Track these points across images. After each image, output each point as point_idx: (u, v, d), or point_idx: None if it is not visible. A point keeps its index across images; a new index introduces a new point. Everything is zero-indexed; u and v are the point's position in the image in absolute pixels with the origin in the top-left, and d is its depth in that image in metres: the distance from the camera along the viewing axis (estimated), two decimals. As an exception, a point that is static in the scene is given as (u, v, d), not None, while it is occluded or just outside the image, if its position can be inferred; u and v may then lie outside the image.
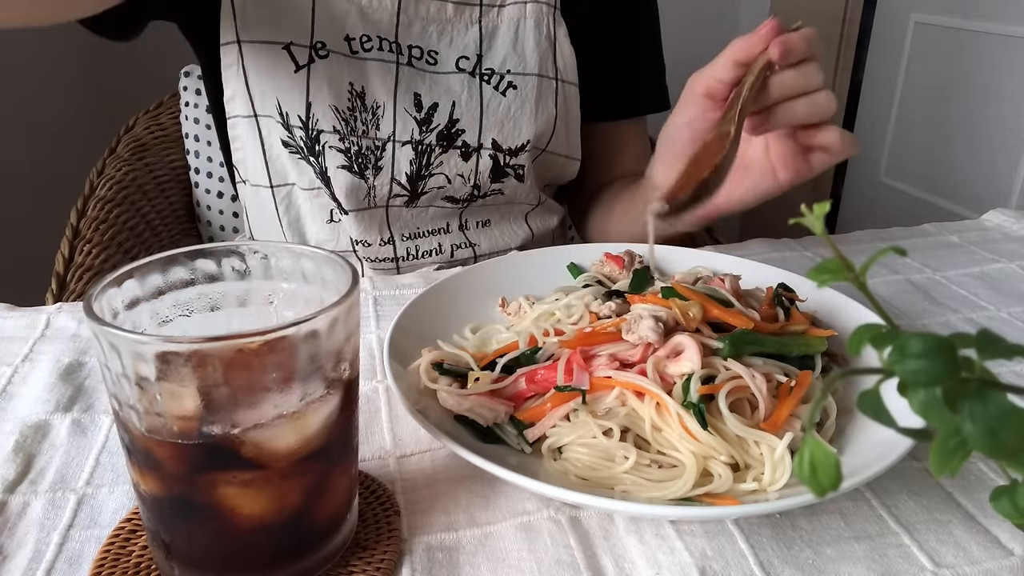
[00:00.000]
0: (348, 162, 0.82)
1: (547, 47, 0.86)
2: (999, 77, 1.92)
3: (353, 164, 0.83)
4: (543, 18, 0.86)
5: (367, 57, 0.81)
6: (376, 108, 0.81)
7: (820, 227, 0.25)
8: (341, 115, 0.81)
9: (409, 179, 0.85)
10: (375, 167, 0.83)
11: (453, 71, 0.83)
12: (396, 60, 0.81)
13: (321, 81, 0.79)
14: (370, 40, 0.80)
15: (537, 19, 0.85)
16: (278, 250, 0.40)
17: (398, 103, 0.82)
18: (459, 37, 0.83)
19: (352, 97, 0.81)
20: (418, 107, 0.83)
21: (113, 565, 0.39)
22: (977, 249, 0.84)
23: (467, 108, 0.84)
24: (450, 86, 0.83)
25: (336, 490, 0.39)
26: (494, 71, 0.84)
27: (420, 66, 0.83)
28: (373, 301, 0.69)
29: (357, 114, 0.81)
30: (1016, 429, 0.21)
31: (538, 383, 0.49)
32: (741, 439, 0.45)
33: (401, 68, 0.81)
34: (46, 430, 0.50)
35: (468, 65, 0.84)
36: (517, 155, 0.88)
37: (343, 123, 0.81)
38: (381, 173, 0.83)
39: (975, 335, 0.23)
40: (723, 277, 0.58)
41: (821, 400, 0.26)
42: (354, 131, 0.82)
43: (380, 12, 0.81)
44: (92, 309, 0.33)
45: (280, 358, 0.33)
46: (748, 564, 0.41)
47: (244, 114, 0.83)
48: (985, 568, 0.41)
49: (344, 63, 0.80)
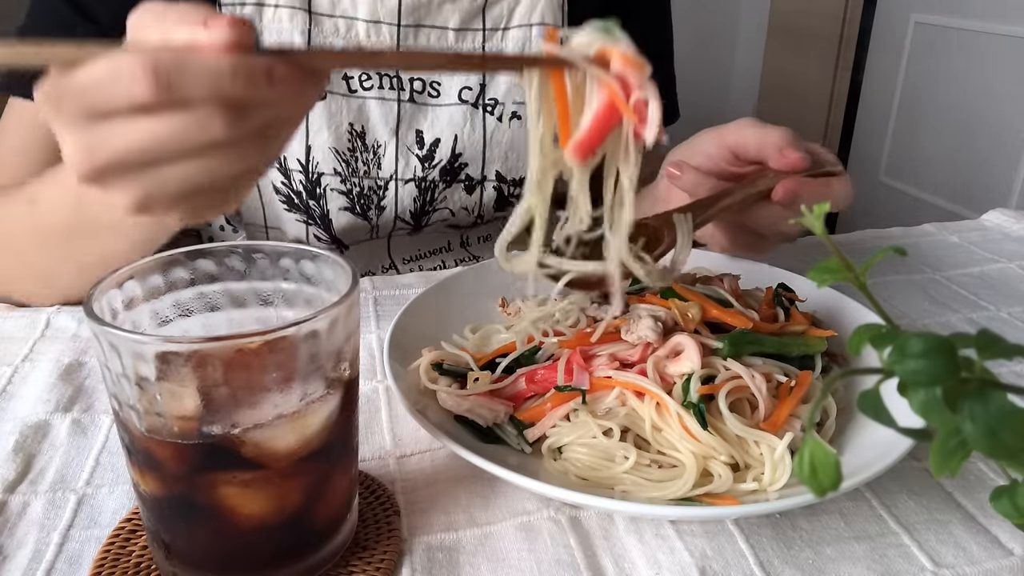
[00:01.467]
0: (350, 204, 0.81)
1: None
2: (999, 77, 1.92)
3: (355, 205, 0.82)
4: None
5: (367, 96, 0.79)
6: (377, 147, 0.80)
7: (820, 227, 0.25)
8: (342, 156, 0.79)
9: (413, 215, 0.84)
10: (378, 207, 0.82)
11: (455, 102, 0.81)
12: (397, 97, 0.79)
13: (320, 123, 0.77)
14: (369, 78, 0.78)
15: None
16: (278, 250, 0.40)
17: (400, 141, 0.80)
18: None
19: (352, 138, 0.79)
20: (420, 144, 0.81)
21: (113, 565, 0.39)
22: (977, 249, 0.84)
23: (470, 141, 0.82)
24: (452, 118, 0.81)
25: (336, 490, 0.39)
26: (497, 101, 0.82)
27: (422, 100, 0.81)
28: (373, 301, 0.69)
29: (358, 154, 0.80)
30: (1016, 429, 0.21)
31: (538, 383, 0.49)
32: (741, 439, 0.45)
33: (402, 105, 0.80)
34: (46, 430, 0.50)
35: (471, 96, 0.81)
36: (521, 185, 0.87)
37: (344, 164, 0.79)
38: (384, 212, 0.83)
39: (975, 335, 0.23)
40: (722, 277, 0.58)
41: (821, 400, 0.26)
42: (355, 172, 0.80)
43: (379, 46, 0.78)
44: (92, 309, 0.33)
45: (280, 358, 0.33)
46: (748, 564, 0.41)
47: None
48: (985, 568, 0.41)
49: (343, 103, 0.78)
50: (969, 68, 1.98)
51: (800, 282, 0.61)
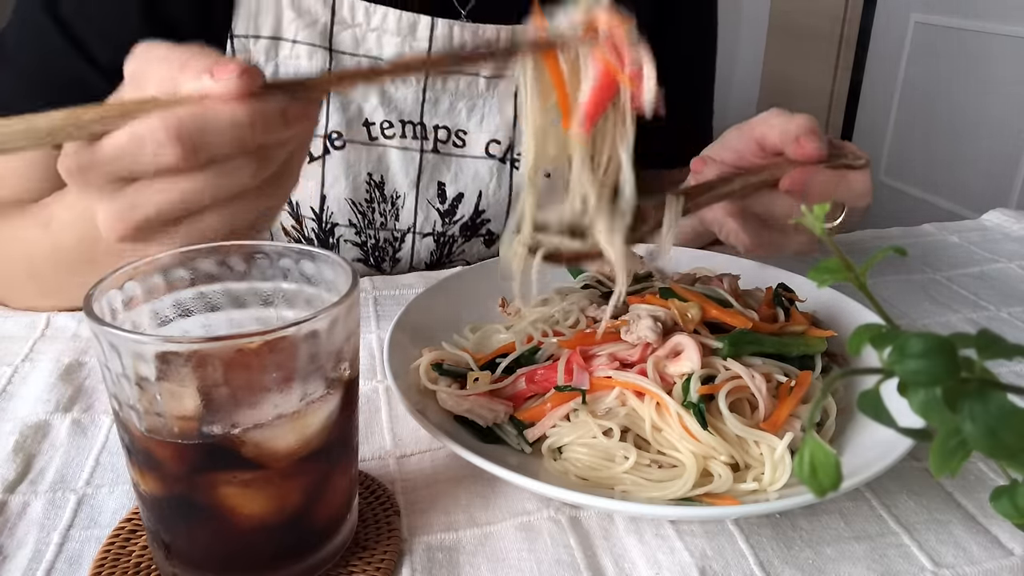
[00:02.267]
0: (364, 255, 0.79)
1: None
2: (999, 77, 1.92)
3: (369, 257, 0.79)
4: None
5: (388, 144, 0.75)
6: (396, 198, 0.76)
7: (820, 227, 0.25)
8: (358, 207, 0.75)
9: (428, 266, 0.81)
10: (392, 258, 0.80)
11: (482, 156, 0.77)
12: (420, 147, 0.75)
13: (337, 172, 0.74)
14: (392, 126, 0.74)
15: None
16: (278, 250, 0.40)
17: (420, 194, 0.76)
18: (491, 115, 0.76)
19: (370, 188, 0.75)
20: (442, 198, 0.77)
21: (113, 565, 0.39)
22: (977, 249, 0.84)
23: (495, 198, 0.78)
24: (477, 172, 0.77)
25: (336, 490, 0.39)
26: None
27: (446, 150, 0.76)
28: (373, 301, 0.69)
29: (375, 205, 0.76)
30: (1016, 429, 0.21)
31: (538, 383, 0.49)
32: (741, 439, 0.45)
33: (425, 156, 0.76)
34: (46, 430, 0.50)
35: (499, 150, 0.77)
36: None
37: (360, 216, 0.76)
38: (399, 264, 0.80)
39: (975, 335, 0.23)
40: (722, 277, 0.58)
41: (821, 400, 0.26)
42: (371, 223, 0.77)
43: (404, 90, 0.74)
44: (92, 309, 0.33)
45: (280, 358, 0.33)
46: (748, 564, 0.41)
47: None
48: (985, 568, 0.41)
49: (362, 152, 0.74)
50: (969, 68, 1.98)
51: (800, 282, 0.61)
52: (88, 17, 0.66)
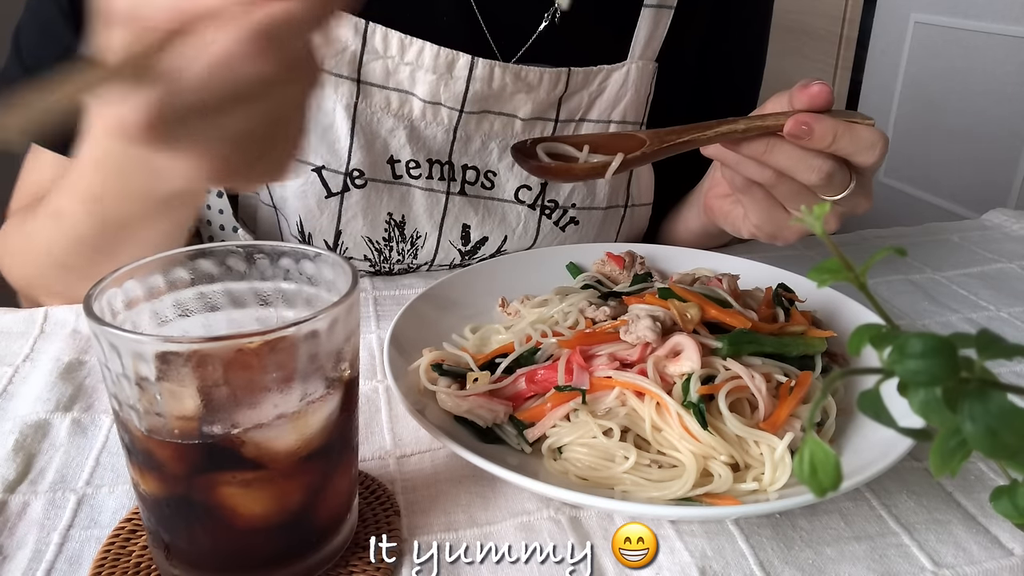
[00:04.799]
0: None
1: (623, 175, 0.76)
2: (999, 77, 1.92)
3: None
4: None
5: (412, 184, 0.70)
6: (416, 238, 0.73)
7: (820, 227, 0.25)
8: (375, 245, 0.72)
9: None
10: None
11: (511, 201, 0.73)
12: (447, 189, 0.71)
13: (356, 210, 0.70)
14: (418, 166, 0.70)
15: None
16: (278, 250, 0.40)
17: (443, 236, 0.73)
18: None
19: (390, 227, 0.72)
20: (465, 240, 0.74)
21: (113, 565, 0.39)
22: (977, 249, 0.84)
23: (520, 243, 0.75)
24: (505, 217, 0.74)
25: (336, 490, 0.39)
26: (557, 204, 0.74)
27: (474, 192, 0.72)
28: (373, 301, 0.69)
29: (393, 244, 0.72)
30: (1016, 429, 0.21)
31: (538, 383, 0.49)
32: (741, 439, 0.45)
33: (451, 198, 0.72)
34: (46, 429, 0.50)
35: (529, 197, 0.73)
36: None
37: (376, 253, 0.73)
38: None
39: (975, 335, 0.22)
40: (720, 277, 0.58)
41: (821, 400, 0.26)
42: (387, 260, 0.73)
43: (435, 128, 0.69)
44: (92, 309, 0.33)
45: (280, 358, 0.33)
46: (748, 564, 0.41)
47: (265, 202, 0.75)
48: (985, 568, 0.41)
49: (384, 191, 0.70)
50: (969, 68, 1.98)
51: (800, 282, 0.61)
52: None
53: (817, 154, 0.53)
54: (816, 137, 0.52)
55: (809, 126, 0.52)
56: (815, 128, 0.52)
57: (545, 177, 0.54)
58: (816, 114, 0.53)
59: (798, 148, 0.53)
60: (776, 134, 0.54)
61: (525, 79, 0.68)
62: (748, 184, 0.59)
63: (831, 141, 0.53)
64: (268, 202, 0.74)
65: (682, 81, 0.79)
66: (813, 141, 0.52)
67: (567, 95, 0.71)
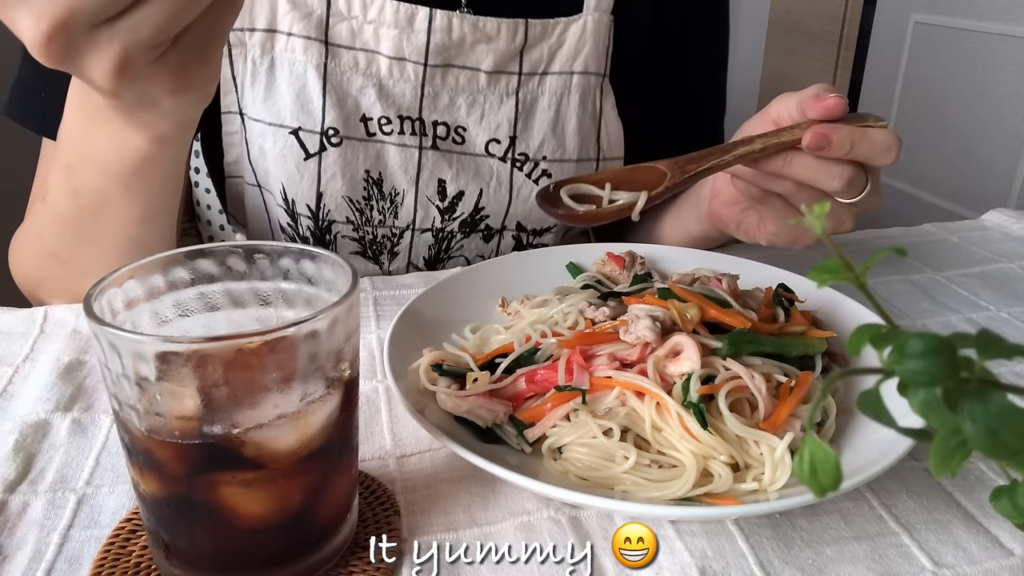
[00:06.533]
0: (361, 249, 0.79)
1: (591, 127, 0.79)
2: (999, 77, 1.92)
3: (367, 250, 0.79)
4: (589, 91, 0.77)
5: (386, 140, 0.73)
6: (395, 195, 0.75)
7: (820, 227, 0.25)
8: (355, 205, 0.75)
9: (427, 262, 0.81)
10: (391, 252, 0.79)
11: (482, 154, 0.76)
12: (419, 144, 0.74)
13: (334, 170, 0.73)
14: (389, 122, 0.73)
15: (583, 94, 0.77)
16: (278, 250, 0.40)
17: (420, 191, 0.75)
18: (492, 112, 0.75)
19: (368, 185, 0.75)
20: (442, 195, 0.76)
21: (113, 565, 0.39)
22: (977, 249, 0.84)
23: (495, 196, 0.78)
24: (479, 171, 0.76)
25: (336, 490, 0.39)
26: (528, 157, 0.77)
27: (446, 147, 0.75)
28: (373, 301, 0.69)
29: (373, 203, 0.75)
30: (1016, 429, 0.21)
31: (538, 383, 0.49)
32: (741, 439, 0.45)
33: (424, 152, 0.74)
34: (46, 429, 0.50)
35: (499, 149, 0.76)
36: (542, 235, 0.84)
37: (357, 213, 0.76)
38: (397, 258, 0.80)
39: (975, 335, 0.22)
40: (720, 277, 0.58)
41: (821, 400, 0.26)
42: (369, 221, 0.76)
43: (403, 85, 0.72)
44: (92, 309, 0.33)
45: (280, 358, 0.33)
46: (748, 564, 0.41)
47: (249, 182, 0.78)
48: (985, 568, 0.41)
49: (359, 148, 0.73)
50: (969, 68, 1.98)
51: (800, 282, 0.61)
52: None
53: (836, 161, 0.55)
54: (835, 147, 0.54)
55: (827, 137, 0.53)
56: (833, 139, 0.54)
57: (574, 223, 0.56)
58: (832, 124, 0.54)
59: (817, 158, 0.55)
60: (793, 147, 0.55)
61: (483, 29, 0.72)
62: (766, 195, 0.60)
63: (849, 149, 0.54)
64: (252, 181, 0.77)
65: (639, 34, 0.82)
66: (832, 151, 0.54)
67: (528, 47, 0.74)
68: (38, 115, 0.71)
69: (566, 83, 0.76)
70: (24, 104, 0.72)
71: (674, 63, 0.86)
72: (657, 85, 0.86)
